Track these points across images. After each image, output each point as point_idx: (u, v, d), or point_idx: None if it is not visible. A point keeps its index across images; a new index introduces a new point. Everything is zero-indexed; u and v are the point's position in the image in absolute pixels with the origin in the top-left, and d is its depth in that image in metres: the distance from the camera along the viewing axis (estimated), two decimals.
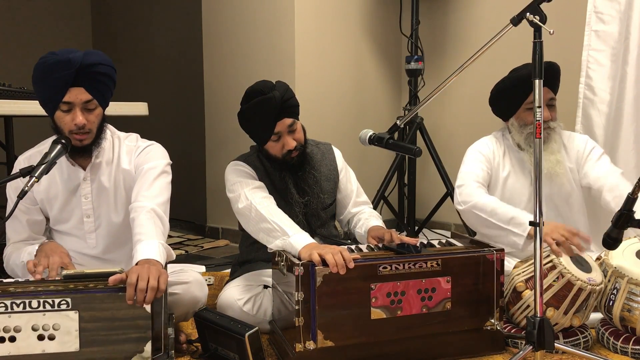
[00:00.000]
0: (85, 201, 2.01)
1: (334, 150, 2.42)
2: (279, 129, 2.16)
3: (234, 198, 2.17)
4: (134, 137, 2.11)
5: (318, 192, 2.27)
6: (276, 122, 2.14)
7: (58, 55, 1.84)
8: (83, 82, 1.86)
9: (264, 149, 2.23)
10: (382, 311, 1.85)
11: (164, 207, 1.95)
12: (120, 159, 2.04)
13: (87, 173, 2.00)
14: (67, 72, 1.82)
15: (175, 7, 4.81)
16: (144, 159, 2.02)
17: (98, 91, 1.90)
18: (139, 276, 1.61)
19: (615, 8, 3.05)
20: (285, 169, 2.23)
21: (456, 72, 1.96)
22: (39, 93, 1.90)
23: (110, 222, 2.04)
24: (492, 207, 2.25)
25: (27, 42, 4.95)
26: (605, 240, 1.87)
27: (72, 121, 1.87)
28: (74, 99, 1.86)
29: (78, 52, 1.86)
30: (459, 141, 3.89)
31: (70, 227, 2.05)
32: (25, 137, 2.87)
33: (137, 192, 1.95)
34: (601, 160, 2.39)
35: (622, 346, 1.99)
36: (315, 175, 2.27)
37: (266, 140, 2.19)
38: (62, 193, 2.01)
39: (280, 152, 2.20)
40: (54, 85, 1.84)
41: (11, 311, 1.61)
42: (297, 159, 2.22)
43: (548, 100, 2.34)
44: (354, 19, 4.04)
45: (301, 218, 2.23)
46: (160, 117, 4.17)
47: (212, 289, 2.70)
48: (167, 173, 2.03)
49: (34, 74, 1.87)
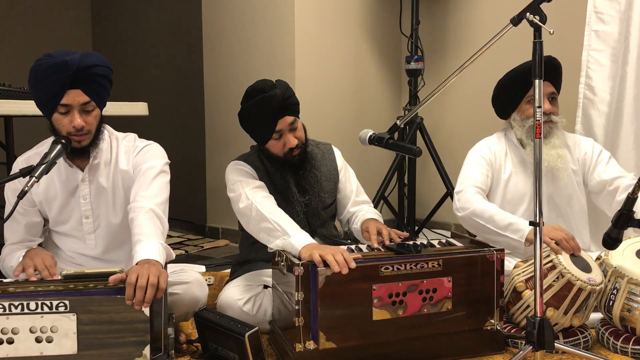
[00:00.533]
0: (84, 202, 2.01)
1: (334, 150, 2.42)
2: (280, 127, 2.15)
3: (234, 198, 2.17)
4: (132, 137, 2.10)
5: (319, 191, 2.27)
6: (277, 120, 2.14)
7: (55, 58, 1.83)
8: (80, 84, 1.85)
9: (265, 149, 2.23)
10: (384, 312, 1.85)
11: (163, 207, 1.95)
12: (118, 159, 2.04)
13: (85, 174, 1.99)
14: (65, 74, 1.81)
15: (175, 7, 4.81)
16: (142, 158, 2.02)
17: (95, 93, 1.90)
18: (138, 275, 1.61)
19: (615, 8, 3.05)
20: (286, 168, 2.22)
21: (456, 72, 1.96)
22: (36, 95, 1.89)
23: (109, 223, 2.04)
24: (490, 214, 2.25)
25: (27, 42, 4.95)
26: (605, 240, 1.87)
27: (71, 123, 1.87)
28: (72, 101, 1.86)
29: (75, 54, 1.85)
30: (459, 141, 3.89)
31: (69, 229, 2.05)
32: (25, 137, 2.87)
33: (135, 192, 1.95)
34: (611, 162, 2.41)
35: (622, 346, 1.99)
36: (316, 174, 2.27)
37: (267, 139, 2.19)
38: (60, 194, 2.01)
39: (282, 151, 2.19)
40: (51, 87, 1.83)
41: (9, 313, 1.60)
42: (298, 158, 2.21)
43: (549, 94, 2.34)
44: (354, 19, 4.04)
45: (302, 217, 2.22)
46: (160, 117, 4.17)
47: (212, 289, 2.70)
48: (165, 172, 2.03)
49: (30, 77, 1.86)
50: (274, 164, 2.24)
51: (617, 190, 2.33)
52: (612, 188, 2.35)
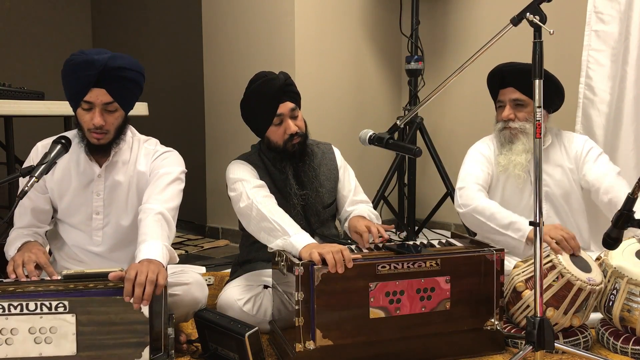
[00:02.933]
0: (96, 198, 2.02)
1: (333, 150, 2.42)
2: (281, 111, 2.17)
3: (235, 197, 2.17)
4: (154, 142, 2.14)
5: (317, 186, 2.26)
6: (278, 104, 2.17)
7: (85, 55, 1.88)
8: (105, 84, 1.88)
9: (266, 138, 2.24)
10: (381, 311, 1.85)
11: (173, 213, 1.96)
12: (137, 160, 2.06)
13: (102, 170, 2.01)
14: (90, 72, 1.85)
15: (175, 8, 4.81)
16: (161, 163, 2.04)
17: (120, 94, 1.92)
18: (137, 272, 1.62)
19: (615, 8, 3.05)
20: (285, 158, 2.23)
21: (456, 72, 1.96)
22: (65, 88, 1.95)
23: (119, 222, 2.04)
24: (492, 212, 2.26)
25: (27, 42, 4.94)
26: (605, 240, 1.87)
27: (91, 120, 1.90)
28: (95, 99, 1.89)
29: (105, 54, 1.89)
30: (459, 141, 3.89)
31: (77, 222, 2.05)
32: (25, 137, 2.87)
33: (149, 194, 1.96)
34: (598, 161, 2.38)
35: (622, 346, 1.99)
36: (315, 170, 2.27)
37: (268, 124, 2.20)
38: (74, 186, 2.02)
39: (282, 139, 2.20)
40: (77, 83, 1.88)
41: (8, 313, 1.60)
42: (298, 147, 2.22)
43: (512, 100, 2.35)
44: (354, 19, 4.04)
45: (299, 210, 2.22)
46: (160, 117, 4.17)
47: (212, 289, 2.70)
48: (180, 180, 2.05)
49: (62, 69, 1.92)
50: (274, 157, 2.24)
51: (598, 192, 2.32)
52: (594, 189, 2.34)
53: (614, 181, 2.30)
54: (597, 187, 2.32)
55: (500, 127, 2.40)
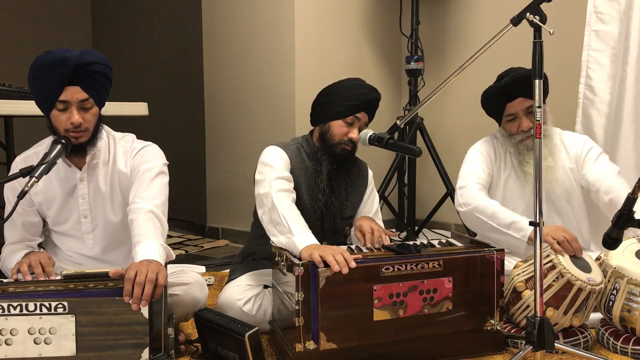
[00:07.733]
0: (82, 202, 2.00)
1: (368, 170, 2.43)
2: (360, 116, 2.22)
3: (258, 181, 2.14)
4: (130, 138, 2.10)
5: (343, 197, 2.26)
6: (359, 110, 2.21)
7: (54, 54, 1.84)
8: (79, 81, 1.85)
9: (327, 127, 2.22)
10: (385, 312, 1.85)
11: (163, 208, 1.95)
12: (116, 159, 2.03)
13: (83, 174, 1.99)
14: (64, 70, 1.81)
15: (176, 7, 4.81)
16: (140, 160, 2.02)
17: (94, 90, 1.90)
18: (137, 271, 1.62)
19: (615, 8, 3.05)
20: (328, 156, 2.22)
21: (456, 72, 1.96)
22: (35, 92, 1.90)
23: (107, 223, 2.03)
24: (493, 211, 2.25)
25: (27, 42, 4.94)
26: (605, 240, 1.87)
27: (68, 120, 1.87)
28: (70, 97, 1.86)
29: (74, 51, 1.86)
30: (459, 141, 3.89)
31: (68, 228, 2.05)
32: (25, 137, 2.86)
33: (134, 193, 1.95)
34: (598, 161, 2.38)
35: (622, 346, 1.99)
36: (347, 181, 2.27)
37: (342, 116, 2.20)
38: (59, 194, 2.00)
39: (342, 137, 2.20)
40: (50, 84, 1.83)
41: (8, 314, 1.60)
42: (346, 154, 2.23)
43: (525, 110, 2.33)
44: (354, 19, 4.04)
45: (318, 214, 2.22)
46: (160, 117, 4.17)
47: (212, 289, 2.70)
48: (164, 174, 2.03)
49: (30, 73, 1.87)
50: (316, 150, 2.24)
51: (598, 193, 2.32)
52: (595, 189, 2.34)
53: (614, 181, 2.30)
54: (597, 187, 2.32)
55: (521, 138, 2.36)
